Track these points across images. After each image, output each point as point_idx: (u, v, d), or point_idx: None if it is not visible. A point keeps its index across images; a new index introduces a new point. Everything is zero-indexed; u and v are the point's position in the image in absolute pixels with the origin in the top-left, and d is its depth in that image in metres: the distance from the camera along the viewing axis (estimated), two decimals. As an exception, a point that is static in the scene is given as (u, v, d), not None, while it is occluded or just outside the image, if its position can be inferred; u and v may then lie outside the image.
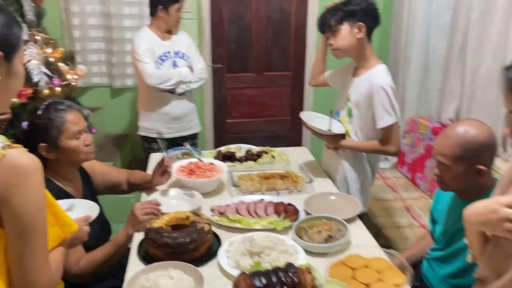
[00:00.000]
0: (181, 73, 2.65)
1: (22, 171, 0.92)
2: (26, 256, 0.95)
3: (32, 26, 2.31)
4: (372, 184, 2.15)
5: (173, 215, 1.55)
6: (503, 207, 0.95)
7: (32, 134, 1.57)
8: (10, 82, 0.99)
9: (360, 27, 1.89)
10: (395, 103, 1.87)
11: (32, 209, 0.94)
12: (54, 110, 1.57)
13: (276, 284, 1.15)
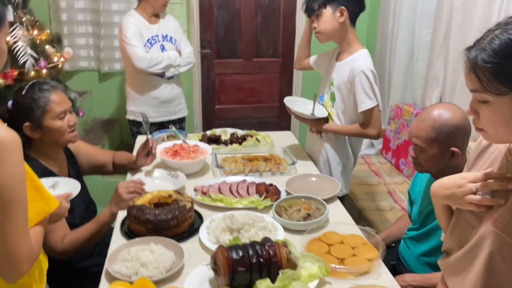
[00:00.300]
0: (170, 57, 2.66)
1: (0, 145, 0.93)
2: (6, 227, 0.97)
3: (18, 8, 2.31)
4: (354, 167, 2.20)
5: (156, 193, 1.58)
6: (468, 182, 0.99)
7: (17, 114, 1.58)
8: None
9: (342, 11, 1.92)
10: (375, 87, 1.91)
11: (11, 182, 0.95)
12: (38, 90, 1.58)
13: (252, 257, 1.19)
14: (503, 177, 0.95)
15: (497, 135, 0.92)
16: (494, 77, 0.85)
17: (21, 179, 0.99)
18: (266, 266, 1.19)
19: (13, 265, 0.99)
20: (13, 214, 0.97)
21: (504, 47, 0.84)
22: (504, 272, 0.93)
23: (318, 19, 1.97)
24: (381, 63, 3.37)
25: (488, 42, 0.86)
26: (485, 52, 0.85)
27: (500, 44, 0.84)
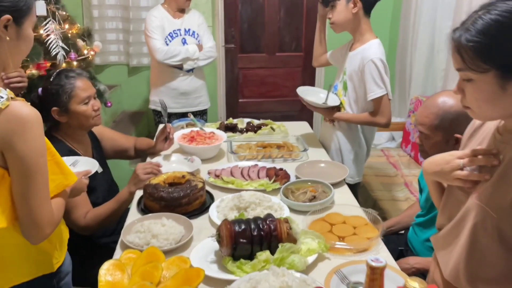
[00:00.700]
0: (188, 50, 2.76)
1: (23, 120, 1.04)
2: (30, 194, 1.09)
3: (51, 3, 2.47)
4: (367, 156, 2.23)
5: (171, 174, 1.69)
6: (456, 158, 1.03)
7: (46, 99, 1.72)
8: (19, 43, 1.11)
9: (356, 2, 1.96)
10: (384, 76, 1.94)
11: (33, 154, 1.06)
12: (65, 77, 1.72)
13: (254, 230, 1.27)
14: (488, 153, 0.99)
15: (481, 112, 0.96)
16: (476, 56, 0.89)
17: (42, 152, 1.10)
18: (266, 239, 1.27)
19: (36, 228, 1.11)
20: (35, 182, 1.08)
21: (485, 27, 0.88)
22: (487, 243, 0.97)
23: (332, 10, 2.03)
24: (403, 55, 3.37)
25: (471, 22, 0.90)
26: (469, 32, 0.90)
27: (482, 24, 0.88)
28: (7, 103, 1.02)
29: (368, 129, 2.15)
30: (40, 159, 1.09)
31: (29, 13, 1.11)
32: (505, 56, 0.87)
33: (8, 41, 1.06)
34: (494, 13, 0.88)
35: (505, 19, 0.86)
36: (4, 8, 1.03)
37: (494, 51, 0.87)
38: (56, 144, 1.70)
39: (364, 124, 2.09)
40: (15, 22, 1.07)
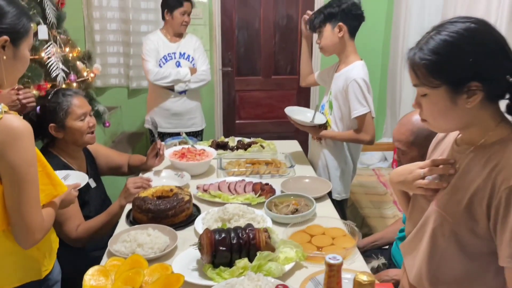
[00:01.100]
0: (179, 73, 2.86)
1: (15, 132, 1.12)
2: (21, 201, 1.15)
3: (53, 28, 2.60)
4: (354, 173, 2.30)
5: (160, 187, 1.76)
6: (417, 168, 1.10)
7: (43, 116, 1.82)
8: (16, 63, 1.20)
9: (341, 27, 2.06)
10: (367, 95, 2.03)
11: (23, 163, 1.13)
12: (62, 95, 1.82)
13: (233, 238, 1.33)
14: (446, 163, 1.06)
15: (437, 124, 1.04)
16: (428, 72, 0.97)
17: (32, 162, 1.16)
18: (245, 247, 1.33)
19: (27, 233, 1.17)
20: (26, 190, 1.15)
21: (436, 46, 0.96)
22: (445, 247, 1.03)
23: (320, 36, 2.13)
24: (393, 78, 3.47)
25: (424, 42, 0.99)
26: (422, 51, 0.98)
27: (433, 44, 0.97)
28: (1, 116, 1.11)
29: (353, 146, 2.22)
30: (30, 168, 1.15)
31: (26, 35, 1.20)
32: (454, 72, 0.95)
33: (5, 60, 1.15)
34: (443, 34, 0.96)
35: (453, 39, 0.95)
36: (3, 30, 1.12)
37: (444, 68, 0.96)
38: (51, 159, 1.79)
39: (349, 141, 2.16)
40: (12, 43, 1.15)
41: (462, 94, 0.95)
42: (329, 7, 2.08)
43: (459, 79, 0.94)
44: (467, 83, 0.94)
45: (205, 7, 3.83)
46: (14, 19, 1.16)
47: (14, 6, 1.17)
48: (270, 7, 3.93)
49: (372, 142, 2.08)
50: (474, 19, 0.96)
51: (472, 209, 0.98)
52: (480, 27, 0.95)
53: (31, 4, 2.43)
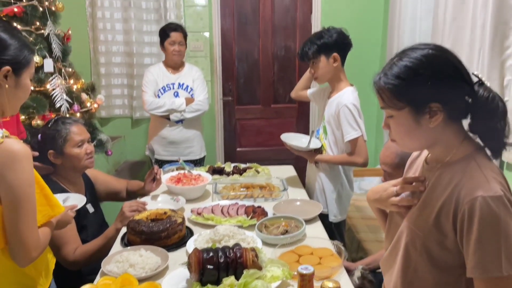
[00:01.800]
0: (174, 102, 2.96)
1: (14, 154, 1.19)
2: (19, 220, 1.22)
3: (58, 61, 2.74)
4: (351, 194, 2.34)
5: (154, 211, 1.82)
6: (391, 185, 1.16)
7: (43, 143, 1.91)
8: (17, 91, 1.28)
9: (336, 58, 2.15)
10: (358, 119, 2.10)
11: (21, 184, 1.21)
12: (61, 123, 1.91)
13: (221, 257, 1.37)
14: (417, 180, 1.11)
15: (404, 143, 1.10)
16: (392, 95, 1.05)
17: (30, 183, 1.24)
18: (232, 265, 1.37)
19: (24, 251, 1.23)
20: (24, 209, 1.22)
21: (398, 71, 1.04)
22: (417, 260, 1.07)
23: (314, 66, 2.19)
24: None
25: (388, 68, 1.07)
26: (386, 76, 1.06)
27: (396, 69, 1.05)
28: (1, 140, 1.19)
29: (348, 169, 2.27)
30: (28, 189, 1.23)
31: (27, 66, 1.29)
32: (415, 95, 1.02)
33: (7, 89, 1.24)
34: (404, 60, 1.04)
35: (413, 65, 1.02)
36: (5, 61, 1.22)
37: (405, 91, 1.03)
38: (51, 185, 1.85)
39: (344, 164, 2.22)
40: (14, 73, 1.24)
41: (424, 114, 1.02)
42: (321, 38, 2.14)
43: (420, 101, 1.01)
44: (428, 104, 1.00)
45: (206, 40, 3.98)
46: (16, 51, 1.25)
47: (16, 39, 1.27)
48: (268, 38, 4.08)
49: (366, 164, 2.14)
50: (432, 46, 1.04)
51: (440, 224, 1.02)
52: (437, 53, 1.03)
53: (38, 39, 2.57)
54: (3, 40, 1.23)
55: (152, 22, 3.89)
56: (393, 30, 3.52)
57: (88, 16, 3.88)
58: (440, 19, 2.72)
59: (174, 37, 2.99)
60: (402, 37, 3.35)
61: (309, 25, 4.05)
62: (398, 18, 3.39)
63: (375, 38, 4.04)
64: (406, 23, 3.32)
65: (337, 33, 2.16)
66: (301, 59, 2.28)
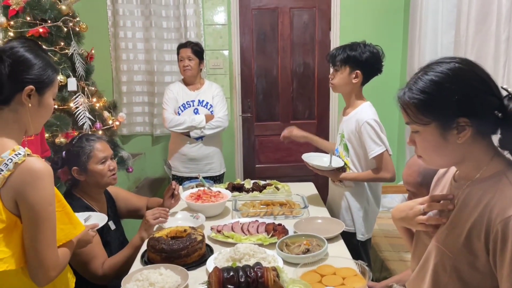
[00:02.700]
0: (194, 120, 2.98)
1: (35, 173, 1.20)
2: (38, 238, 1.22)
3: (81, 80, 2.80)
4: (377, 211, 2.29)
5: (173, 228, 1.81)
6: (417, 204, 1.12)
7: (68, 160, 1.93)
8: (40, 110, 1.30)
9: (357, 75, 2.13)
10: (381, 134, 2.07)
11: (42, 202, 1.20)
12: (85, 140, 1.93)
13: (241, 276, 1.35)
14: (445, 199, 1.07)
15: (431, 160, 1.06)
16: (418, 111, 1.02)
17: (50, 201, 1.24)
18: (253, 285, 1.34)
19: (42, 270, 1.23)
20: (43, 228, 1.22)
21: (424, 86, 1.02)
22: (448, 282, 1.02)
23: (336, 72, 2.17)
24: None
25: (413, 82, 1.04)
26: (411, 91, 1.04)
27: (421, 83, 1.02)
28: (24, 159, 1.20)
29: (374, 185, 2.23)
30: (48, 208, 1.23)
31: (50, 85, 1.31)
32: (442, 110, 0.99)
33: (30, 108, 1.25)
34: (430, 74, 1.02)
35: (439, 79, 1.00)
36: (29, 80, 1.24)
37: (432, 106, 1.00)
38: (74, 201, 1.88)
39: (371, 181, 2.18)
40: (37, 92, 1.26)
41: (451, 130, 0.99)
42: (354, 50, 2.10)
43: (447, 116, 0.98)
44: (455, 119, 0.97)
45: (225, 58, 4.02)
46: (40, 71, 1.27)
47: (40, 59, 1.29)
48: (287, 55, 4.09)
49: (394, 179, 2.10)
50: (458, 59, 1.01)
51: (471, 244, 0.98)
52: (464, 67, 1.00)
53: (62, 59, 2.64)
54: (28, 59, 1.25)
55: (172, 41, 3.95)
56: (413, 45, 3.49)
57: (111, 36, 3.97)
58: (463, 32, 2.69)
59: (182, 53, 3.04)
60: (423, 52, 3.31)
61: (327, 41, 4.05)
62: (419, 33, 3.36)
63: (395, 54, 4.01)
64: (427, 37, 3.29)
65: (371, 54, 2.11)
66: (329, 59, 2.22)
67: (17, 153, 1.19)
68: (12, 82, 1.22)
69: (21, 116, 1.26)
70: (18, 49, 1.26)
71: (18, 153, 1.20)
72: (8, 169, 1.18)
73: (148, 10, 3.86)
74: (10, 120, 1.26)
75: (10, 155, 1.19)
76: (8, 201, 1.19)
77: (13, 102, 1.24)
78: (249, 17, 4.02)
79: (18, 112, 1.25)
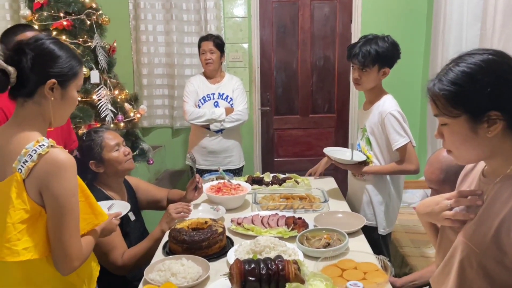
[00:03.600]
0: (214, 112, 2.99)
1: (59, 164, 1.21)
2: (62, 229, 1.23)
3: (104, 72, 2.84)
4: (399, 205, 2.26)
5: (195, 220, 1.83)
6: (444, 199, 1.10)
7: (82, 156, 1.96)
8: (63, 103, 1.31)
9: (386, 72, 2.10)
10: (404, 125, 2.05)
11: (66, 193, 1.22)
12: (93, 133, 1.97)
13: (262, 269, 1.35)
14: (473, 194, 1.05)
15: (460, 154, 1.04)
16: (448, 102, 1.00)
17: (74, 192, 1.25)
18: (274, 278, 1.34)
19: (66, 260, 1.25)
20: (67, 218, 1.24)
21: (455, 77, 0.99)
22: (473, 280, 1.00)
23: (362, 72, 2.10)
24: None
25: (443, 74, 1.02)
26: (441, 82, 1.01)
27: (452, 75, 1.00)
28: (47, 150, 1.21)
29: (396, 179, 2.20)
30: (72, 198, 1.24)
31: (74, 78, 1.31)
32: (473, 102, 0.97)
33: (53, 101, 1.27)
34: (462, 65, 0.99)
35: (471, 70, 0.97)
36: (52, 73, 1.25)
37: (462, 98, 0.98)
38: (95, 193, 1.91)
39: (395, 174, 2.16)
40: (60, 85, 1.27)
41: (482, 123, 0.96)
42: (381, 48, 2.04)
43: (478, 108, 0.96)
44: (487, 113, 0.95)
45: (245, 51, 4.02)
46: (63, 64, 1.28)
47: (65, 51, 1.30)
48: (307, 49, 4.06)
49: (418, 171, 2.07)
50: (492, 51, 0.99)
51: (500, 241, 0.96)
52: (498, 59, 0.97)
53: (85, 52, 2.68)
54: (51, 52, 1.26)
55: (193, 34, 3.97)
56: (437, 39, 3.42)
57: (132, 29, 4.01)
58: (489, 26, 2.62)
59: (204, 46, 3.04)
60: (447, 46, 3.24)
61: (348, 34, 4.01)
62: (443, 26, 3.29)
63: (418, 48, 3.94)
64: (451, 31, 3.22)
65: (393, 45, 2.08)
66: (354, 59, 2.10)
67: (41, 144, 1.21)
68: (35, 75, 1.23)
69: (44, 109, 1.27)
70: (43, 41, 1.27)
71: (42, 144, 1.21)
72: (32, 160, 1.19)
73: (169, 3, 3.87)
74: (34, 112, 1.27)
75: (34, 146, 1.20)
76: (32, 191, 1.21)
77: (36, 95, 1.26)
78: (269, 9, 4.00)
79: (42, 104, 1.27)
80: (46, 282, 1.31)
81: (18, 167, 1.20)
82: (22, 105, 1.28)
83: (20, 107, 1.28)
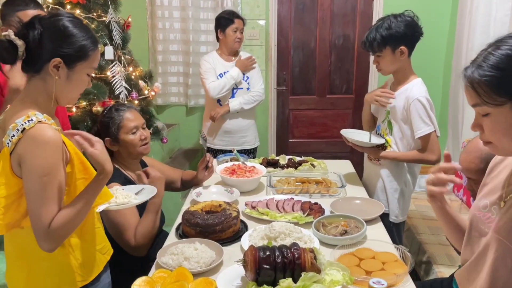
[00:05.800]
0: (232, 75, 2.91)
1: (38, 140, 1.16)
2: (30, 206, 1.19)
3: (118, 48, 2.78)
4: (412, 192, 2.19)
5: (209, 202, 1.79)
6: None
7: (100, 131, 1.92)
8: (68, 84, 1.24)
9: (403, 51, 1.99)
10: (431, 114, 1.96)
11: (37, 171, 1.16)
12: (115, 110, 1.91)
13: (278, 257, 1.31)
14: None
15: (502, 145, 0.96)
16: (491, 90, 0.92)
17: (47, 172, 1.17)
18: (289, 266, 1.30)
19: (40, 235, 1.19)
20: (35, 197, 1.17)
21: (497, 62, 0.91)
22: (508, 279, 0.94)
23: (379, 57, 2.04)
24: (455, 98, 3.31)
25: (483, 59, 0.94)
26: (481, 68, 0.93)
27: (494, 59, 0.92)
28: (33, 125, 1.16)
29: (412, 166, 2.13)
30: (43, 178, 1.17)
31: (83, 60, 1.25)
32: None
33: (57, 80, 1.22)
34: (504, 48, 0.91)
35: None
36: (60, 52, 1.20)
37: (508, 84, 0.90)
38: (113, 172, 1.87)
39: (414, 162, 2.09)
40: (66, 65, 1.22)
41: None
42: (388, 29, 1.96)
43: None
44: None
45: (262, 29, 3.91)
46: (74, 43, 1.22)
47: (79, 30, 1.24)
48: (326, 27, 3.93)
49: (439, 161, 2.00)
50: None
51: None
52: None
53: (100, 27, 2.62)
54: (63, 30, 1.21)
55: (209, 10, 3.87)
56: (463, 19, 3.26)
57: (148, 4, 3.92)
58: (522, 5, 2.47)
59: (237, 23, 2.95)
60: (473, 26, 3.09)
61: (370, 12, 3.86)
62: (470, 4, 3.13)
63: (442, 28, 3.78)
64: (479, 10, 3.05)
65: (407, 24, 1.97)
66: (364, 48, 2.10)
67: (30, 119, 1.17)
68: (42, 51, 1.20)
69: (48, 86, 1.24)
70: (59, 18, 1.23)
71: (30, 119, 1.17)
72: (18, 135, 1.17)
73: (185, -23, 3.77)
74: (39, 89, 1.24)
75: (23, 121, 1.17)
76: (15, 166, 1.19)
77: (42, 72, 1.22)
78: (288, -15, 3.87)
79: (47, 81, 1.23)
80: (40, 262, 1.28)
81: (7, 141, 1.18)
82: (30, 80, 1.26)
83: (28, 82, 1.26)
